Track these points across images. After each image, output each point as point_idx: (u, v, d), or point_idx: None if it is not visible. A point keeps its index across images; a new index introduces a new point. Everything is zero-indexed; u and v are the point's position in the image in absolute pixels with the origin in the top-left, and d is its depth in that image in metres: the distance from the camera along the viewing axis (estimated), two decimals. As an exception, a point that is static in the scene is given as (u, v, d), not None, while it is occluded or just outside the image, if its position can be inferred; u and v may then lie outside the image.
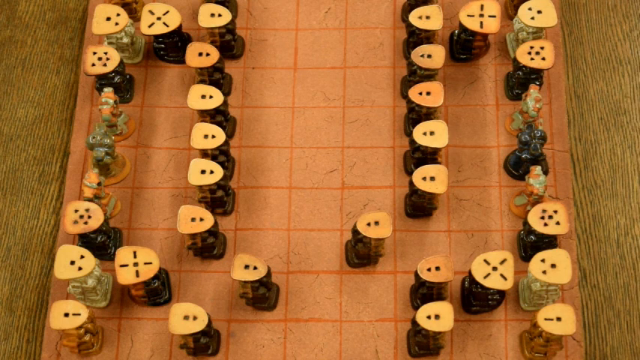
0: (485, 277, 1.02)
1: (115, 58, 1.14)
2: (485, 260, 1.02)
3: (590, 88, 1.20)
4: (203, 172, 1.07)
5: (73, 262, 1.02)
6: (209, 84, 1.14)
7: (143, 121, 1.17)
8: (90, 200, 1.06)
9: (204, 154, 1.10)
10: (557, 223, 1.05)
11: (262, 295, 1.04)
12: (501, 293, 1.05)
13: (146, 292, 1.05)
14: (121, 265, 1.03)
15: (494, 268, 1.02)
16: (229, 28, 1.17)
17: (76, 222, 1.05)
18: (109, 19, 1.15)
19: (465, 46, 1.18)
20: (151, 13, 1.16)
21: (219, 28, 1.16)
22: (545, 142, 1.10)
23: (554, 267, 1.02)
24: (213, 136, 1.09)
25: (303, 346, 1.05)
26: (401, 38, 1.21)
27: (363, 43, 1.21)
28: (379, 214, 1.04)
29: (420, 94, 1.11)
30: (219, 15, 1.16)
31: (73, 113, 1.19)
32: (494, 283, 1.01)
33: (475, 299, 1.05)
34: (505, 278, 1.01)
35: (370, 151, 1.15)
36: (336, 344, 1.05)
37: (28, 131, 1.19)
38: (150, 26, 1.16)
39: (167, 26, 1.16)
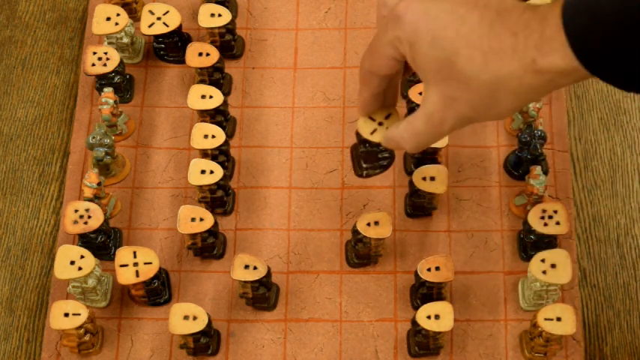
0: (372, 132, 0.97)
1: (115, 58, 1.14)
2: (370, 117, 0.98)
3: (590, 88, 1.20)
4: (203, 172, 1.07)
5: (73, 262, 1.02)
6: (209, 84, 1.14)
7: (143, 121, 1.17)
8: (90, 200, 1.06)
9: (204, 154, 1.10)
10: (557, 223, 1.05)
11: (262, 295, 1.04)
12: (391, 152, 1.01)
13: (146, 292, 1.05)
14: (121, 265, 1.03)
15: (380, 124, 0.98)
16: (229, 28, 1.17)
17: (76, 222, 1.05)
18: (109, 19, 1.16)
19: (464, 46, 1.18)
20: (151, 13, 1.16)
21: (219, 28, 1.16)
22: (545, 142, 1.10)
23: (554, 267, 1.02)
24: (213, 136, 1.09)
25: (303, 346, 1.05)
26: (401, 38, 1.21)
27: (363, 43, 1.21)
28: (379, 214, 1.04)
29: (420, 94, 1.11)
30: (219, 15, 1.16)
31: (73, 113, 1.19)
32: (381, 137, 0.97)
33: (366, 162, 1.01)
34: None
35: (370, 151, 1.15)
36: (336, 344, 1.05)
37: (28, 131, 1.19)
38: (150, 26, 1.16)
39: (167, 26, 1.16)
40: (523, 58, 0.82)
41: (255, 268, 1.02)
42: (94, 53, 1.14)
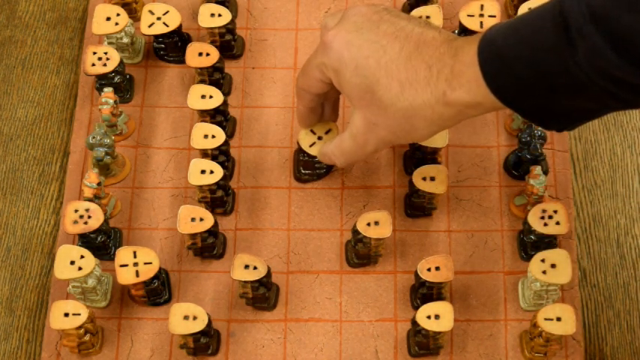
0: (310, 145, 1.08)
1: (115, 58, 1.14)
2: (311, 130, 1.08)
3: (590, 88, 1.20)
4: (203, 172, 1.07)
5: (73, 262, 1.02)
6: (209, 84, 1.14)
7: (143, 121, 1.17)
8: (90, 200, 1.06)
9: (204, 154, 1.10)
10: (557, 223, 1.05)
11: (262, 295, 1.04)
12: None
13: (146, 292, 1.05)
14: (121, 265, 1.03)
15: (320, 138, 1.08)
16: (229, 28, 1.17)
17: (76, 222, 1.05)
18: (109, 19, 1.16)
19: (464, 46, 1.18)
20: (151, 13, 1.16)
21: (219, 28, 1.16)
22: (545, 142, 1.10)
23: (554, 267, 1.02)
24: (213, 136, 1.09)
25: (303, 346, 1.05)
26: (401, 38, 1.21)
27: (363, 43, 1.21)
28: (379, 214, 1.04)
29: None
30: (219, 15, 1.16)
31: (73, 113, 1.19)
32: (318, 151, 1.07)
33: (305, 169, 1.11)
34: None
35: (370, 151, 1.15)
36: (336, 344, 1.05)
37: (28, 131, 1.19)
38: (150, 26, 1.16)
39: (167, 26, 1.16)
40: (435, 90, 0.89)
41: (255, 268, 1.02)
42: (94, 53, 1.14)
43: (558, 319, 1.00)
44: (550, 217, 1.05)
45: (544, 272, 1.02)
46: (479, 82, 0.86)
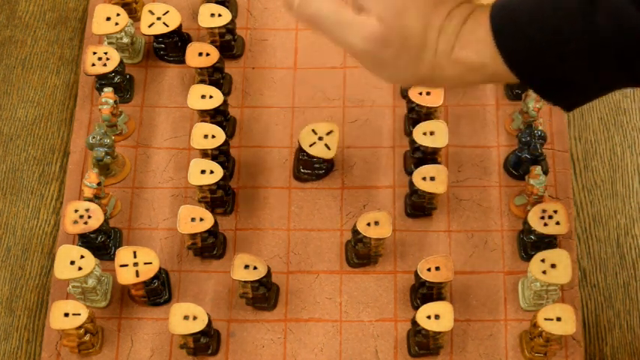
0: (310, 145, 1.09)
1: (115, 58, 1.14)
2: (313, 130, 1.09)
3: (590, 88, 1.20)
4: (203, 172, 1.07)
5: (73, 262, 1.02)
6: (209, 84, 1.14)
7: (143, 121, 1.17)
8: (90, 200, 1.06)
9: (204, 154, 1.10)
10: (557, 223, 1.05)
11: (262, 295, 1.04)
12: (329, 161, 1.11)
13: (146, 292, 1.05)
14: (121, 265, 1.03)
15: (320, 138, 1.09)
16: (229, 28, 1.17)
17: (76, 222, 1.05)
18: (109, 19, 1.16)
19: (464, 46, 1.18)
20: (151, 13, 1.16)
21: (219, 28, 1.16)
22: (545, 142, 1.10)
23: (554, 267, 1.02)
24: (213, 136, 1.09)
25: (303, 346, 1.05)
26: (401, 38, 1.21)
27: (363, 43, 1.21)
28: (379, 214, 1.04)
29: (420, 94, 1.11)
30: (219, 15, 1.16)
31: (73, 113, 1.19)
32: (318, 151, 1.08)
33: (304, 168, 1.11)
34: (329, 148, 1.09)
35: (370, 151, 1.15)
36: (336, 344, 1.05)
37: (28, 131, 1.19)
38: (150, 26, 1.16)
39: (167, 26, 1.16)
40: (447, 41, 0.83)
41: (255, 268, 1.02)
42: (94, 53, 1.14)
43: (558, 319, 1.00)
44: (550, 217, 1.05)
45: (544, 272, 1.02)
46: (487, 42, 0.83)
